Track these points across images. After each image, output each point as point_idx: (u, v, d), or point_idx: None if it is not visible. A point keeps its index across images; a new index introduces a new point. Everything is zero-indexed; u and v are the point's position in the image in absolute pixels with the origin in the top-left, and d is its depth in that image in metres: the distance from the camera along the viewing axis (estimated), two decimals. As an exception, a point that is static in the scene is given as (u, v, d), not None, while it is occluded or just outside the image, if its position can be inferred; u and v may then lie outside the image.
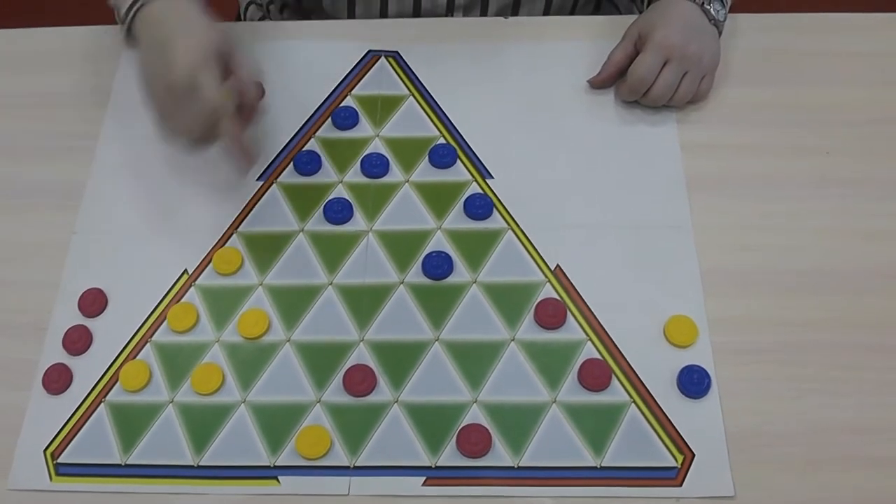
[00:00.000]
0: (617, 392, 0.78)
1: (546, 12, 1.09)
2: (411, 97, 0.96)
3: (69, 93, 0.99)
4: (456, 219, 0.87)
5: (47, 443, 0.77)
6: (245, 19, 1.19)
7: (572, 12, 1.13)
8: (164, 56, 0.79)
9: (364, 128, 0.94)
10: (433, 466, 0.75)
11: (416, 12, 1.07)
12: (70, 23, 1.04)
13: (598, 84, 0.95)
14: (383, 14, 1.07)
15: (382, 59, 0.99)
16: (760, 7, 1.00)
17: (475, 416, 0.77)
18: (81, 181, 0.92)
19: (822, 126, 0.92)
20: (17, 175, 0.93)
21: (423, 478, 0.74)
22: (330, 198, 0.89)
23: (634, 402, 0.77)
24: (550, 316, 0.81)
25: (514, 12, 1.08)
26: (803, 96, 0.94)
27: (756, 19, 1.01)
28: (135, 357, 0.81)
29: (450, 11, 1.06)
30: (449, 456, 0.75)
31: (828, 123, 0.92)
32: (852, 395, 0.77)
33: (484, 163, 0.91)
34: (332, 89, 0.97)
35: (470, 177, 0.90)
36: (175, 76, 0.78)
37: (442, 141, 0.92)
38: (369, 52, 1.00)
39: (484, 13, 1.07)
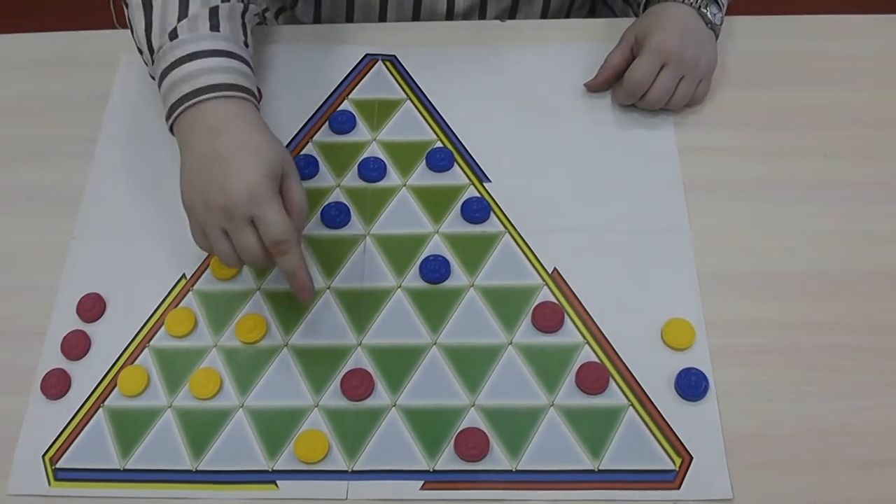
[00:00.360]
0: (614, 395, 0.78)
1: (543, 16, 1.10)
2: (408, 101, 0.96)
3: (67, 97, 0.99)
4: (453, 222, 0.87)
5: (46, 448, 0.77)
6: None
7: (568, 16, 1.13)
8: (219, 174, 0.72)
9: (361, 132, 0.94)
10: (431, 470, 0.75)
11: (415, 20, 1.07)
12: (68, 28, 1.04)
13: (594, 87, 0.95)
14: (382, 22, 1.07)
15: (379, 62, 0.99)
16: (757, 9, 1.00)
17: (473, 419, 0.77)
18: (79, 186, 0.92)
19: (819, 128, 0.92)
20: (14, 179, 0.93)
21: (422, 482, 0.74)
22: (327, 202, 0.89)
23: (632, 405, 0.77)
24: (548, 319, 0.81)
25: (512, 17, 1.08)
26: (801, 99, 0.94)
27: (753, 22, 1.01)
28: (133, 362, 0.81)
29: (449, 19, 1.06)
30: (447, 460, 0.75)
31: (825, 126, 0.92)
32: (850, 397, 0.77)
33: (481, 166, 0.91)
34: (329, 93, 0.97)
35: (467, 180, 0.90)
36: (234, 202, 0.71)
37: (439, 144, 0.93)
38: (366, 55, 1.00)
39: (482, 19, 1.07)
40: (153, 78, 0.83)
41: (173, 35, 0.79)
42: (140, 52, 0.85)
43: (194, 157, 0.75)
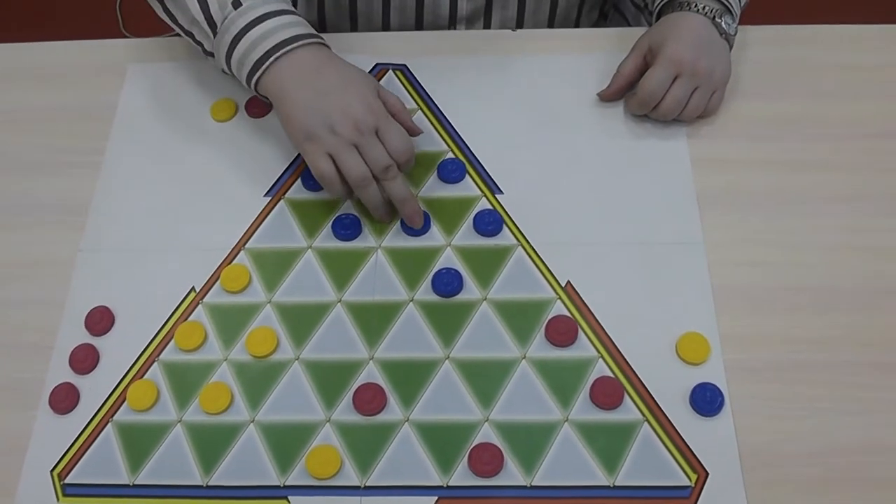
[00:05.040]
0: (629, 410, 0.77)
1: (551, 23, 1.09)
2: (419, 111, 0.95)
3: (75, 108, 0.98)
4: (465, 235, 0.87)
5: (54, 463, 0.77)
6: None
7: (577, 22, 1.12)
8: (339, 101, 0.81)
9: (372, 142, 0.93)
10: (445, 486, 0.74)
11: (419, 25, 1.06)
12: (75, 37, 1.04)
13: (607, 97, 0.94)
14: (385, 26, 1.07)
15: (390, 72, 0.98)
16: (770, 19, 0.99)
17: (487, 434, 0.76)
18: (87, 197, 0.91)
19: (834, 140, 0.91)
20: (22, 191, 0.92)
21: (435, 498, 0.74)
22: (338, 213, 0.88)
23: (647, 420, 0.76)
24: (562, 333, 0.80)
25: (519, 23, 1.07)
26: (815, 110, 0.94)
27: (767, 31, 1.00)
28: (142, 376, 0.80)
29: (452, 24, 1.06)
30: (461, 475, 0.74)
31: (840, 137, 0.92)
32: (867, 414, 0.76)
33: (493, 177, 0.90)
34: (339, 103, 0.96)
35: (479, 192, 0.89)
36: (362, 119, 0.81)
37: (451, 155, 0.92)
38: (377, 65, 0.99)
39: (487, 25, 1.07)
40: (206, 53, 0.90)
41: (237, 4, 0.85)
42: (189, 34, 0.90)
43: (306, 94, 0.83)
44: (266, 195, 0.90)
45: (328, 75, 0.83)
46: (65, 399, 0.79)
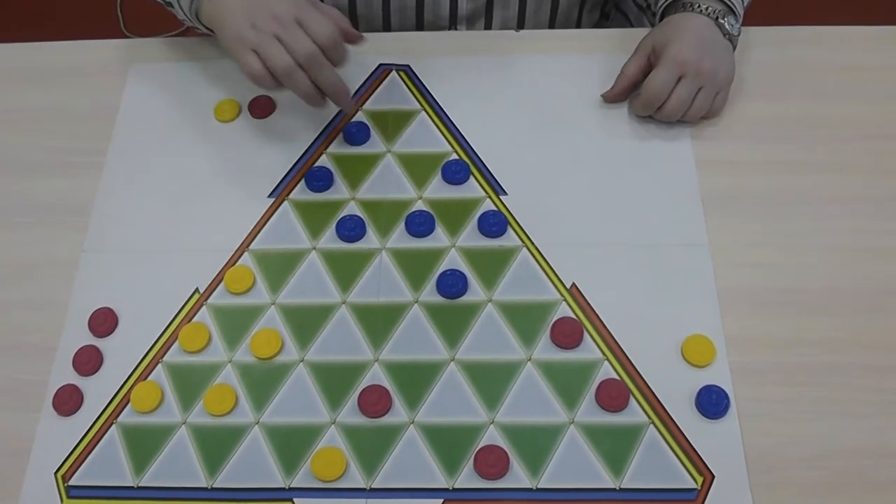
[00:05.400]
0: (635, 413, 0.77)
1: (552, 22, 1.09)
2: (423, 112, 0.95)
3: (76, 108, 0.98)
4: (470, 236, 0.86)
5: (58, 465, 0.77)
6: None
7: (578, 22, 1.12)
8: (263, 2, 0.83)
9: (376, 143, 0.93)
10: (451, 488, 0.74)
11: (419, 25, 1.06)
12: (76, 37, 1.03)
13: (611, 98, 0.94)
14: (386, 27, 1.07)
15: (393, 72, 0.98)
16: (771, 20, 0.99)
17: (492, 437, 0.76)
18: (90, 198, 0.91)
19: (836, 141, 0.91)
20: (25, 192, 0.92)
21: (441, 500, 0.74)
22: (342, 215, 0.88)
23: (653, 422, 0.76)
24: (567, 335, 0.80)
25: (520, 23, 1.07)
26: (819, 111, 0.94)
27: (770, 32, 1.00)
28: (146, 378, 0.80)
29: (453, 24, 1.06)
30: (466, 478, 0.74)
31: (844, 139, 0.92)
32: (873, 416, 0.76)
33: (497, 179, 0.90)
34: (343, 103, 0.96)
35: (483, 193, 0.89)
36: (282, 11, 0.82)
37: (454, 156, 0.92)
38: (380, 65, 0.99)
39: (489, 25, 1.07)
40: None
41: None
42: None
43: (238, 3, 0.84)
44: (270, 196, 0.90)
45: None
46: (68, 401, 0.79)
